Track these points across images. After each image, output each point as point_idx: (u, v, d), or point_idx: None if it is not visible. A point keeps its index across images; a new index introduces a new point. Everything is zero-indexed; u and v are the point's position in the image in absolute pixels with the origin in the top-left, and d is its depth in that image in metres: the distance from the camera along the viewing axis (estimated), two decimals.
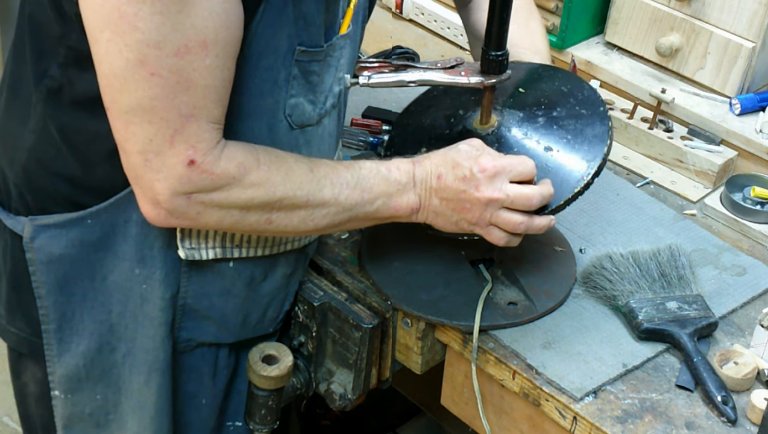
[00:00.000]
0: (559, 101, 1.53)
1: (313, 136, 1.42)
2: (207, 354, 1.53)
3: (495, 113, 1.52)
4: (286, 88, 1.34)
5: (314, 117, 1.40)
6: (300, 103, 1.37)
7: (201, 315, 1.48)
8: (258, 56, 1.29)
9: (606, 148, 1.46)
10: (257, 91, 1.32)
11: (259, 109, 1.34)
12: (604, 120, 1.49)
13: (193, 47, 1.20)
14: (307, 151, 1.41)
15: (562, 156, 1.47)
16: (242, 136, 1.34)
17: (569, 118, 1.51)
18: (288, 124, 1.37)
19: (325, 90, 1.40)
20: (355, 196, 1.38)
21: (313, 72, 1.36)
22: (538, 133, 1.49)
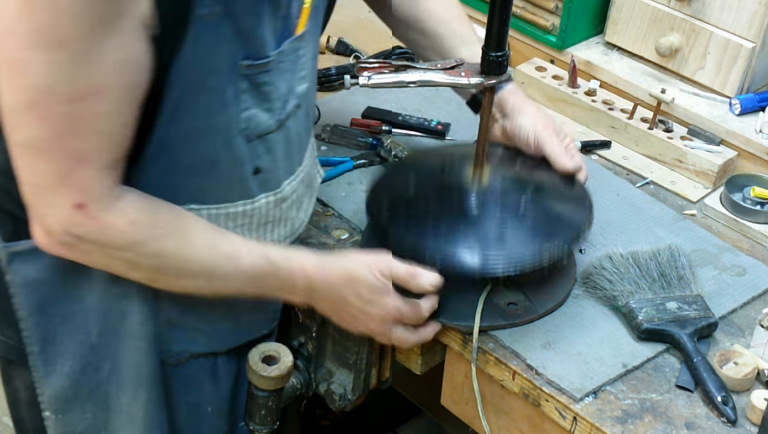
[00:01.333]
0: (549, 184, 1.59)
1: (275, 142, 1.39)
2: (204, 363, 1.52)
3: (487, 173, 1.56)
4: (236, 103, 1.31)
5: (273, 124, 1.37)
6: (255, 115, 1.34)
7: (189, 328, 1.47)
8: (200, 79, 1.26)
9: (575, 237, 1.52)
10: (206, 113, 1.29)
11: (211, 129, 1.31)
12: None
13: (87, 95, 1.17)
14: (270, 159, 1.40)
15: (536, 227, 1.52)
16: (198, 155, 1.32)
17: (554, 196, 1.57)
18: (245, 136, 1.35)
19: (282, 95, 1.37)
20: (246, 285, 1.39)
21: (264, 82, 1.32)
22: (521, 204, 1.54)
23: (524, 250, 1.48)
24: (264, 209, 1.43)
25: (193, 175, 1.35)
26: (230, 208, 1.40)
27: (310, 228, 1.68)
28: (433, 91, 1.99)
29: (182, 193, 1.35)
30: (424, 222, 1.53)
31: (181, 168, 1.33)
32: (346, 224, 1.70)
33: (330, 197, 1.74)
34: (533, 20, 2.06)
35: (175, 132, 1.29)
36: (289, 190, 1.46)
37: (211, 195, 1.38)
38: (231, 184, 1.38)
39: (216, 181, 1.37)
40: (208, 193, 1.37)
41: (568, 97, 1.96)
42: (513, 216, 1.53)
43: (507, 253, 1.48)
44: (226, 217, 1.40)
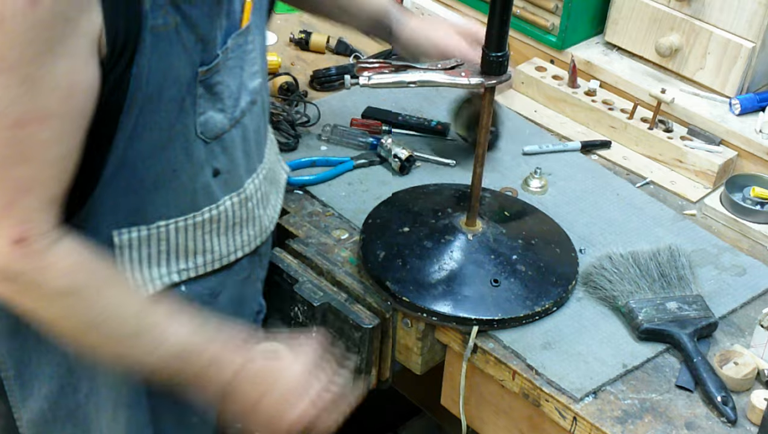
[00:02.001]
0: (538, 233, 1.64)
1: (231, 142, 1.36)
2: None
3: (480, 220, 1.60)
4: (193, 109, 1.28)
5: (227, 123, 1.34)
6: (210, 117, 1.31)
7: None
8: (158, 92, 1.24)
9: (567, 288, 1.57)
10: (166, 124, 1.27)
11: (171, 139, 1.29)
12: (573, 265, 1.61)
13: (31, 121, 1.14)
14: (227, 159, 1.36)
15: (527, 280, 1.55)
16: (160, 167, 1.29)
17: (544, 250, 1.61)
18: (202, 140, 1.32)
19: (234, 93, 1.34)
20: (164, 360, 1.30)
21: (217, 83, 1.30)
22: (513, 253, 1.57)
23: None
24: (230, 211, 1.40)
25: (156, 189, 1.31)
26: (197, 216, 1.37)
27: (310, 229, 1.69)
28: (433, 91, 2.00)
29: (149, 209, 1.32)
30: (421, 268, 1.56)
31: (145, 184, 1.30)
32: (346, 224, 1.70)
33: (330, 197, 1.74)
34: (533, 20, 2.06)
35: (137, 148, 1.26)
36: (252, 189, 1.44)
37: (176, 206, 1.34)
38: (195, 192, 1.35)
39: (179, 190, 1.33)
40: (173, 204, 1.34)
41: (568, 97, 1.96)
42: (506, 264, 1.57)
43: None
44: (194, 227, 1.37)
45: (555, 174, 1.83)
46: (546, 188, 1.79)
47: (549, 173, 1.83)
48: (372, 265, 1.57)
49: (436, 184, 1.76)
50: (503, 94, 2.01)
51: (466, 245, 1.57)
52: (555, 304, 1.54)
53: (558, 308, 1.55)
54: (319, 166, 1.80)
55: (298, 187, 1.77)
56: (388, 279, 1.54)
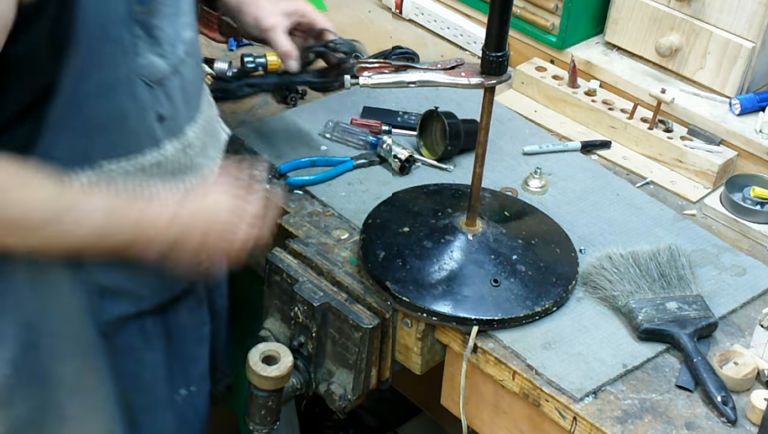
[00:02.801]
0: (538, 233, 1.63)
1: (172, 88, 1.41)
2: (134, 328, 1.50)
3: (480, 221, 1.60)
4: (134, 50, 1.33)
5: (167, 69, 1.39)
6: (151, 61, 1.36)
7: (116, 291, 1.46)
8: (102, 29, 1.28)
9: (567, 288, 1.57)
10: (111, 64, 1.31)
11: (117, 80, 1.33)
12: (573, 265, 1.61)
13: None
14: (170, 105, 1.41)
15: (527, 280, 1.55)
16: (107, 109, 1.33)
17: (544, 250, 1.61)
18: (145, 84, 1.36)
19: (171, 38, 1.39)
20: (95, 236, 1.36)
21: (154, 26, 1.35)
22: (513, 253, 1.57)
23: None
24: (172, 157, 1.44)
25: (104, 130, 1.35)
26: (141, 159, 1.40)
27: (310, 229, 1.68)
28: (433, 91, 1.99)
29: (96, 150, 1.36)
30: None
31: (93, 125, 1.34)
32: (346, 224, 1.70)
33: (330, 197, 1.74)
34: (533, 20, 2.06)
35: (85, 88, 1.30)
36: (192, 136, 1.47)
37: (122, 148, 1.38)
38: (139, 135, 1.39)
39: (125, 133, 1.37)
40: (120, 147, 1.38)
41: (568, 97, 1.96)
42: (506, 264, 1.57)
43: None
44: (138, 170, 1.40)
45: (555, 174, 1.83)
46: (546, 188, 1.79)
47: (549, 173, 1.83)
48: (372, 265, 1.57)
49: (436, 184, 1.76)
50: (503, 94, 2.02)
51: (466, 245, 1.57)
52: (555, 304, 1.54)
53: (558, 308, 1.55)
54: (319, 165, 1.80)
55: (298, 187, 1.76)
56: (388, 279, 1.54)
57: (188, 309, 1.59)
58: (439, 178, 1.80)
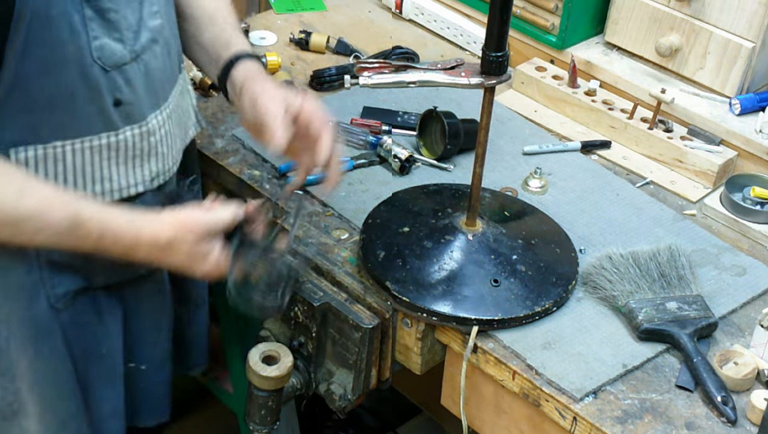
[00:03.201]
0: (538, 233, 1.63)
1: (133, 75, 1.41)
2: (87, 303, 1.51)
3: (480, 221, 1.60)
4: (85, 31, 1.34)
5: (127, 55, 1.40)
6: (106, 44, 1.36)
7: (66, 265, 1.46)
8: (46, 7, 1.29)
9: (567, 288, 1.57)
10: (57, 42, 1.32)
11: (63, 59, 1.33)
12: (573, 265, 1.61)
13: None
14: (130, 91, 1.41)
15: (527, 280, 1.55)
16: (55, 88, 1.34)
17: (544, 250, 1.61)
18: (100, 66, 1.37)
19: (132, 26, 1.40)
20: (57, 239, 1.37)
21: (108, 9, 1.35)
22: (513, 253, 1.57)
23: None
24: (129, 142, 1.44)
25: (52, 109, 1.36)
26: (94, 140, 1.40)
27: (310, 228, 1.68)
28: (433, 91, 2.00)
29: (44, 128, 1.36)
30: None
31: (40, 103, 1.34)
32: (346, 224, 1.70)
33: (330, 197, 1.74)
34: (533, 20, 2.06)
35: (29, 65, 1.31)
36: (155, 124, 1.47)
37: (72, 129, 1.38)
38: (91, 117, 1.39)
39: (75, 114, 1.37)
40: (69, 126, 1.38)
41: (568, 97, 1.96)
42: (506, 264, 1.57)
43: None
44: (91, 151, 1.41)
45: (555, 174, 1.83)
46: (546, 188, 1.79)
47: (549, 173, 1.83)
48: (372, 265, 1.57)
49: (436, 184, 1.76)
50: (503, 94, 2.02)
51: (466, 245, 1.57)
52: (555, 304, 1.54)
53: (558, 308, 1.55)
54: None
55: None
56: (388, 279, 1.54)
57: (148, 294, 1.59)
58: (439, 178, 1.80)
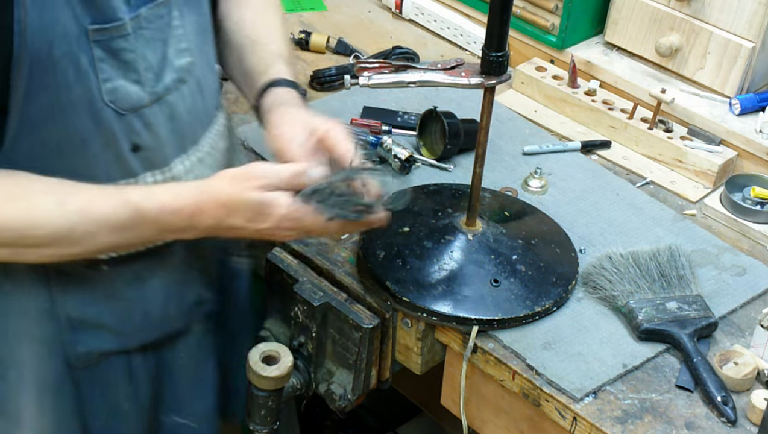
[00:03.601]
0: (538, 233, 1.63)
1: (153, 118, 1.32)
2: (116, 363, 1.43)
3: (480, 221, 1.60)
4: (94, 72, 1.24)
5: (145, 97, 1.30)
6: (120, 86, 1.27)
7: (92, 325, 1.38)
8: (47, 48, 1.20)
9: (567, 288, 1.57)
10: (63, 84, 1.23)
11: (71, 101, 1.24)
12: (573, 265, 1.60)
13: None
14: (150, 135, 1.33)
15: (527, 280, 1.55)
16: (65, 133, 1.26)
17: (544, 250, 1.60)
18: (113, 110, 1.28)
19: (152, 66, 1.30)
20: (116, 237, 1.29)
21: (123, 50, 1.26)
22: (513, 253, 1.57)
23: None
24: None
25: (62, 156, 1.28)
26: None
27: None
28: (433, 91, 1.99)
29: (56, 176, 1.27)
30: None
31: (48, 148, 1.27)
32: None
33: None
34: (533, 20, 2.06)
35: (34, 109, 1.23)
36: (181, 170, 1.38)
37: (87, 176, 1.29)
38: (107, 163, 1.31)
39: (89, 161, 1.29)
40: (84, 173, 1.29)
41: (568, 97, 1.96)
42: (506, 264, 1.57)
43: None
44: None
45: (555, 174, 1.83)
46: (546, 188, 1.79)
47: (549, 173, 1.83)
48: (372, 265, 1.57)
49: (436, 183, 1.76)
50: (503, 94, 2.02)
51: (466, 245, 1.57)
52: (555, 304, 1.54)
53: (558, 308, 1.55)
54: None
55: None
56: (388, 279, 1.54)
57: (186, 350, 1.52)
58: (439, 178, 1.80)
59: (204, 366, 1.58)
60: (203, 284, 1.51)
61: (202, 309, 1.53)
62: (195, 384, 1.57)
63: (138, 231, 1.30)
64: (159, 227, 1.30)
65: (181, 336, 1.50)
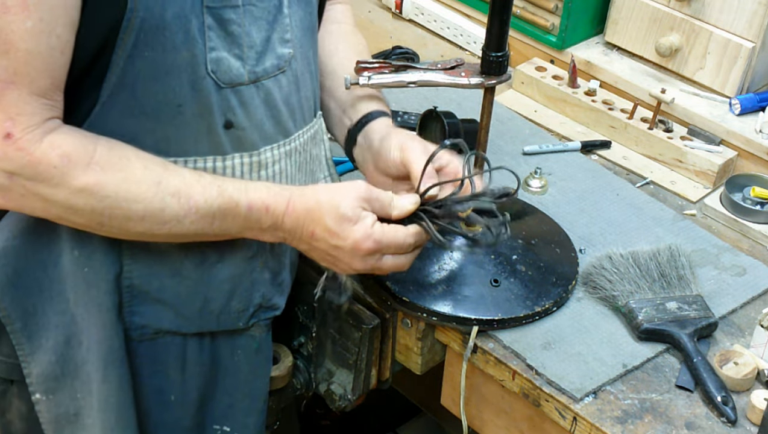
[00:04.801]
0: (538, 233, 1.63)
1: (249, 98, 1.32)
2: (171, 344, 1.41)
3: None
4: (202, 39, 1.25)
5: (244, 75, 1.30)
6: (224, 58, 1.27)
7: (152, 298, 1.37)
8: (161, 8, 1.21)
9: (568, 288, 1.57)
10: (170, 45, 1.23)
11: (175, 64, 1.24)
12: (573, 265, 1.60)
13: (12, 7, 1.13)
14: (245, 115, 1.32)
15: (527, 280, 1.55)
16: (162, 96, 1.26)
17: (544, 250, 1.60)
18: (213, 81, 1.28)
19: (255, 45, 1.31)
20: (202, 224, 1.29)
21: (231, 21, 1.27)
22: (513, 253, 1.57)
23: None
24: (238, 170, 1.35)
25: (157, 119, 1.27)
26: (200, 162, 1.32)
27: None
28: (433, 91, 2.00)
29: (147, 139, 1.28)
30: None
31: (145, 110, 1.26)
32: None
33: None
34: (533, 20, 2.06)
35: (138, 67, 1.23)
36: (269, 158, 1.38)
37: (177, 145, 1.30)
38: (199, 135, 1.30)
39: (182, 128, 1.29)
40: (174, 142, 1.29)
41: (568, 97, 1.96)
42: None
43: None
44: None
45: (555, 174, 1.83)
46: (546, 188, 1.79)
47: (549, 173, 1.83)
48: None
49: None
50: (503, 94, 2.02)
51: None
52: (555, 304, 1.54)
53: (558, 308, 1.55)
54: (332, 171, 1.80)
55: None
56: (388, 279, 1.54)
57: (245, 351, 1.47)
58: None
59: (260, 377, 1.52)
60: (274, 289, 1.47)
61: (267, 315, 1.48)
62: (248, 396, 1.51)
63: (224, 223, 1.30)
64: (245, 222, 1.31)
65: (241, 335, 1.46)
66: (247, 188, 1.31)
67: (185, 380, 1.44)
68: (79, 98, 1.25)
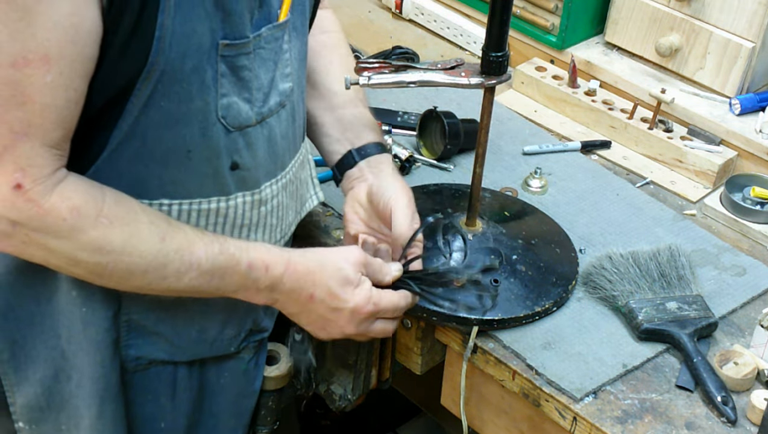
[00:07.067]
0: (538, 233, 1.63)
1: (255, 138, 1.34)
2: (162, 373, 1.42)
3: (480, 221, 1.59)
4: (215, 87, 1.25)
5: (252, 117, 1.32)
6: (234, 103, 1.28)
7: (149, 331, 1.38)
8: (181, 58, 1.21)
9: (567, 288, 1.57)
10: (185, 96, 1.24)
11: (188, 113, 1.25)
12: (573, 265, 1.60)
13: (33, 60, 1.12)
14: (250, 155, 1.34)
15: (527, 280, 1.55)
16: (172, 143, 1.26)
17: (544, 250, 1.60)
18: (223, 126, 1.29)
19: (263, 87, 1.32)
20: (201, 281, 1.29)
21: (243, 67, 1.27)
22: (513, 253, 1.57)
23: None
24: (240, 209, 1.37)
25: (166, 165, 1.28)
26: (203, 203, 1.33)
27: (311, 229, 1.68)
28: (433, 91, 2.00)
29: (153, 185, 1.28)
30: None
31: (154, 157, 1.26)
32: None
33: (330, 197, 1.74)
34: (533, 20, 2.06)
35: (151, 116, 1.23)
36: (268, 194, 1.40)
37: (183, 188, 1.30)
38: (205, 178, 1.31)
39: (189, 173, 1.29)
40: (181, 186, 1.30)
41: (568, 97, 1.96)
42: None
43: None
44: (199, 214, 1.33)
45: (555, 174, 1.83)
46: (546, 188, 1.79)
47: (549, 173, 1.83)
48: None
49: (436, 183, 1.76)
50: (503, 94, 2.02)
51: (466, 245, 1.57)
52: (555, 304, 1.54)
53: (558, 308, 1.55)
54: (320, 166, 1.80)
55: None
56: None
57: (232, 374, 1.49)
58: (439, 178, 1.80)
59: (247, 398, 1.53)
60: (264, 312, 1.49)
61: (256, 337, 1.50)
62: (233, 415, 1.52)
63: (223, 281, 1.31)
64: (243, 280, 1.32)
65: (230, 359, 1.48)
66: (248, 247, 1.32)
67: (175, 406, 1.45)
68: (87, 144, 1.25)
